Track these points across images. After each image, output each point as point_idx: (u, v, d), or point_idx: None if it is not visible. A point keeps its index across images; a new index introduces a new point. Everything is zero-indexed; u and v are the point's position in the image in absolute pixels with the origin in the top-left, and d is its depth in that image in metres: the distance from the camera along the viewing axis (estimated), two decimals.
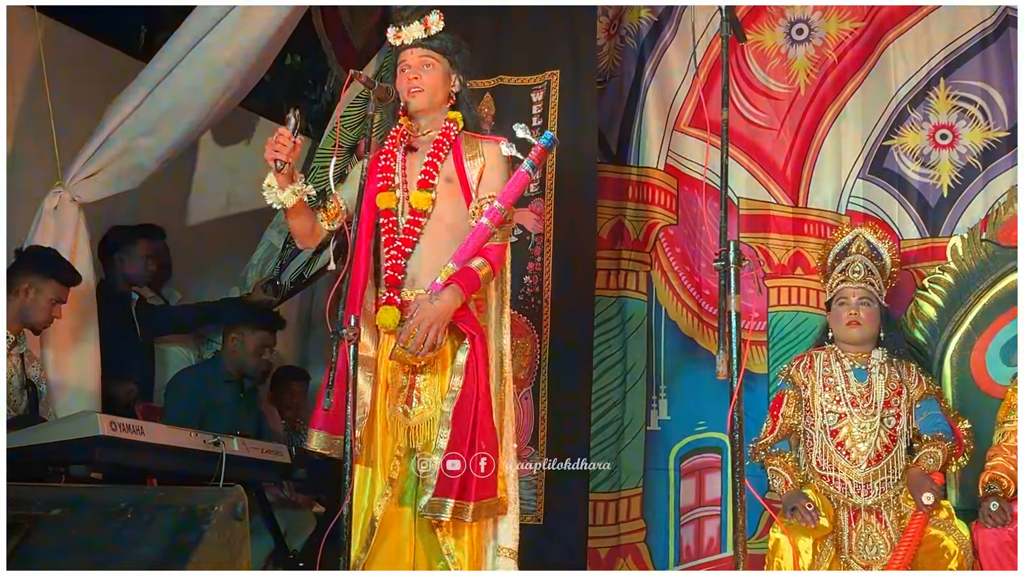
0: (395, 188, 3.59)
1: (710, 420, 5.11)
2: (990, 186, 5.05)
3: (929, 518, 4.10)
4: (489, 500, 3.43)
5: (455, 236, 3.55)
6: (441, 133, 3.65)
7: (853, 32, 5.30)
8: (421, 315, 3.39)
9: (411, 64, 3.65)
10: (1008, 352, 4.81)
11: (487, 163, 3.65)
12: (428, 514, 3.39)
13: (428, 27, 3.65)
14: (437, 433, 3.45)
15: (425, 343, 3.38)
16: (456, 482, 3.37)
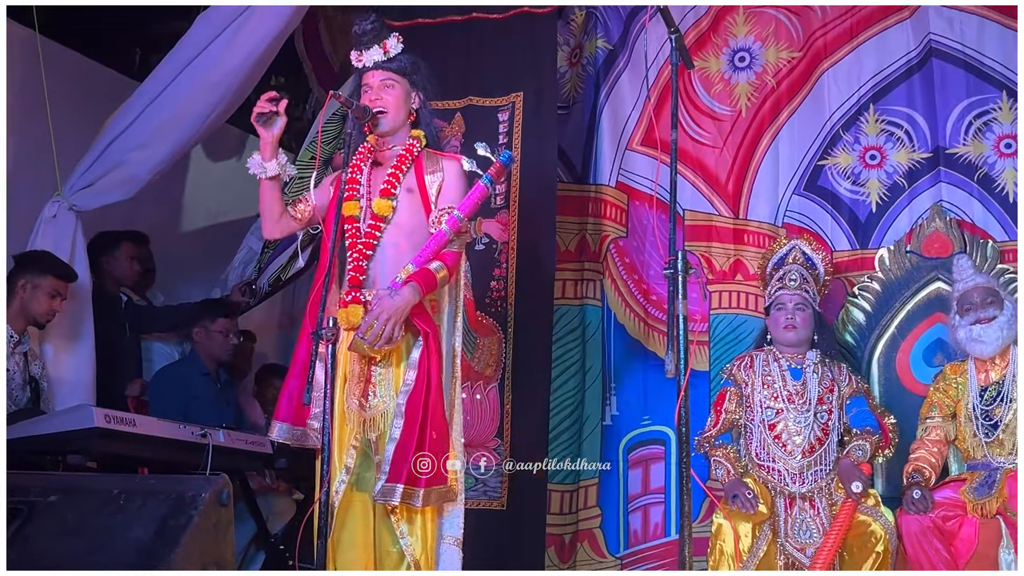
0: (359, 198, 3.61)
1: (654, 415, 5.13)
2: (914, 203, 5.08)
3: (858, 505, 4.13)
4: (439, 487, 3.43)
5: (413, 243, 3.57)
6: (405, 149, 3.67)
7: (791, 61, 5.33)
8: (380, 308, 3.40)
9: (372, 85, 3.67)
10: (930, 354, 4.85)
11: (446, 178, 3.67)
12: (380, 499, 3.38)
13: (387, 50, 3.67)
14: (391, 424, 3.45)
15: (382, 335, 3.39)
16: (406, 469, 3.36)
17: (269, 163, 3.55)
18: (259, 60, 4.90)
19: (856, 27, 5.27)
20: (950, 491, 4.15)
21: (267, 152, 3.56)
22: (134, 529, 2.75)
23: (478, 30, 5.27)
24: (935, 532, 4.01)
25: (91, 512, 2.80)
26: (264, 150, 3.57)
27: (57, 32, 5.40)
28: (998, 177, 4.99)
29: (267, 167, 3.56)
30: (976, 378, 4.33)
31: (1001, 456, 4.18)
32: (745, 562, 4.10)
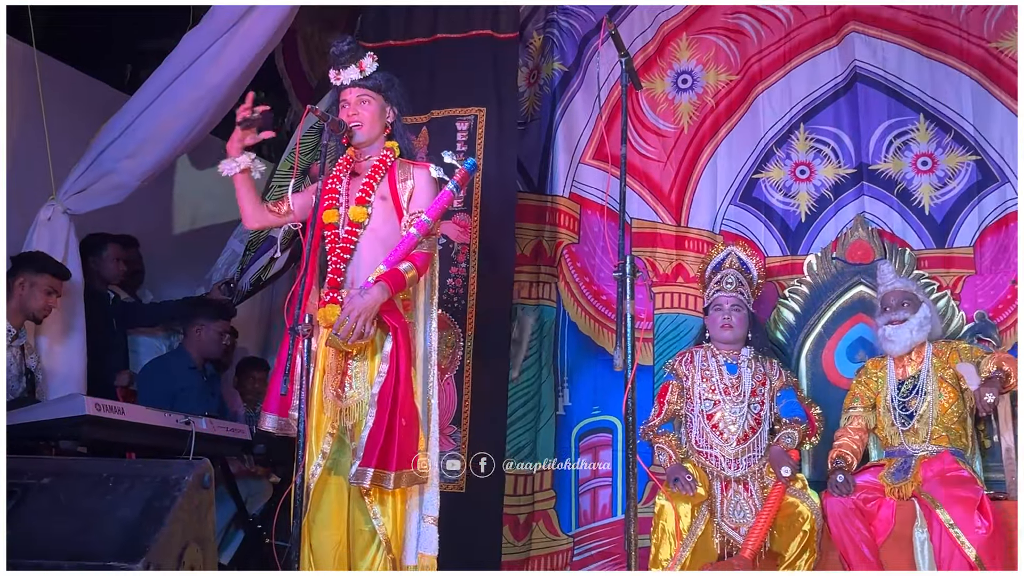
0: (338, 206, 3.62)
1: (603, 405, 5.13)
2: (840, 214, 5.10)
3: (787, 487, 4.16)
4: (408, 471, 3.43)
5: (387, 247, 3.58)
6: (380, 160, 3.69)
7: (729, 83, 5.35)
8: (351, 307, 3.42)
9: (350, 101, 3.69)
10: (852, 351, 4.88)
11: (416, 184, 3.68)
12: (354, 482, 3.39)
13: (363, 69, 3.70)
14: (366, 413, 3.46)
15: (354, 331, 3.41)
16: (377, 453, 3.37)
17: (240, 157, 3.57)
18: (241, 76, 4.89)
19: (789, 53, 5.29)
20: (870, 475, 4.19)
21: (234, 148, 3.57)
22: (121, 509, 2.74)
23: (443, 50, 5.26)
24: (856, 513, 4.04)
25: (81, 494, 2.79)
26: (232, 146, 3.58)
27: (54, 48, 5.37)
28: (915, 192, 5.02)
29: (238, 161, 3.58)
30: (894, 373, 4.38)
31: (916, 444, 4.23)
32: (685, 540, 4.11)
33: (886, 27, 5.15)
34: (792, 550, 4.12)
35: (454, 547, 4.27)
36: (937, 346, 4.37)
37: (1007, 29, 4.96)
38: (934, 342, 4.38)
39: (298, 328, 3.21)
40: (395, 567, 3.48)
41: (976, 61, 5.01)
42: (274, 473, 5.62)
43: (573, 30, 5.58)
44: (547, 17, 5.60)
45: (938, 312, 4.59)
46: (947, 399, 4.25)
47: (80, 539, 2.64)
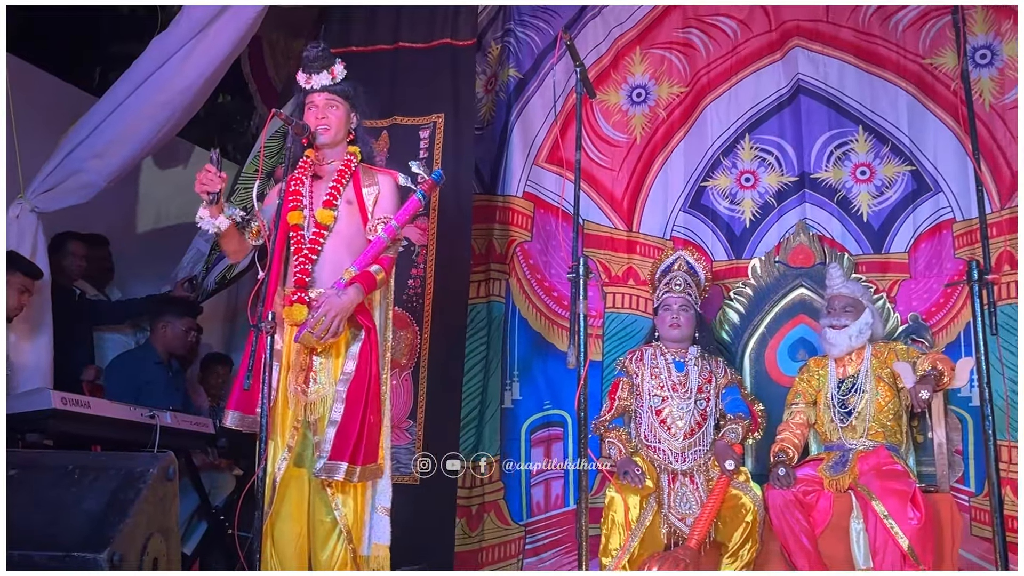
0: (303, 208, 3.59)
1: (554, 400, 5.14)
2: (782, 220, 5.13)
3: (731, 480, 4.18)
4: (371, 465, 3.45)
5: (351, 249, 3.58)
6: (344, 164, 3.68)
7: (679, 96, 5.36)
8: (328, 306, 3.41)
9: (318, 104, 3.67)
10: (794, 350, 4.91)
11: (382, 191, 3.68)
12: (324, 475, 3.38)
13: (334, 76, 3.70)
14: (331, 408, 3.45)
15: (329, 329, 3.39)
16: (350, 448, 3.37)
17: (220, 219, 3.47)
18: (208, 81, 4.85)
19: (735, 67, 5.32)
20: (810, 469, 4.22)
21: (214, 212, 3.46)
22: (87, 501, 2.71)
23: (404, 58, 5.25)
24: (796, 505, 4.06)
25: (48, 485, 2.76)
26: (211, 211, 3.46)
27: (24, 51, 5.27)
28: (854, 199, 5.06)
29: (220, 224, 3.48)
30: (835, 371, 4.40)
31: (853, 439, 4.26)
32: (633, 530, 4.11)
33: (828, 43, 5.19)
34: (735, 540, 4.13)
35: (410, 537, 4.27)
36: (876, 347, 4.41)
37: (941, 46, 5.03)
38: (873, 343, 4.42)
39: (262, 325, 3.18)
40: (355, 556, 3.48)
41: (912, 76, 5.06)
42: (237, 466, 5.56)
43: (529, 39, 5.57)
44: (504, 27, 5.60)
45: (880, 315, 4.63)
46: (884, 397, 4.29)
47: (47, 530, 2.60)
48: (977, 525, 4.51)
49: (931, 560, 3.82)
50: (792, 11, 5.24)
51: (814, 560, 4.04)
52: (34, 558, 2.52)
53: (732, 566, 4.13)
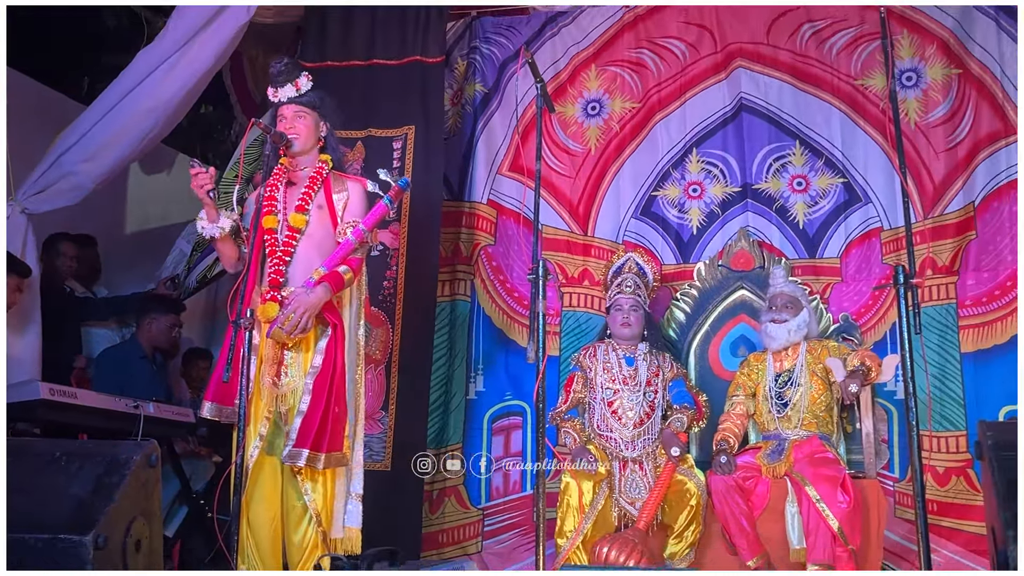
0: (277, 213, 3.58)
1: (515, 391, 5.13)
2: (726, 227, 5.14)
3: (676, 466, 4.21)
4: (336, 453, 3.44)
5: (322, 250, 3.59)
6: (316, 171, 3.67)
7: (632, 110, 5.36)
8: (297, 303, 3.40)
9: (286, 116, 3.68)
10: (735, 347, 4.93)
11: (351, 197, 3.68)
12: (288, 461, 3.38)
13: (298, 88, 3.69)
14: (300, 399, 3.44)
15: (298, 325, 3.39)
16: (312, 436, 3.37)
17: (222, 221, 3.51)
18: (192, 91, 4.83)
19: (684, 86, 5.32)
20: (749, 456, 4.25)
21: (212, 214, 3.50)
22: (73, 486, 2.67)
23: (378, 73, 5.23)
24: (736, 490, 4.09)
25: (35, 472, 2.71)
26: (210, 214, 3.51)
27: (17, 61, 5.19)
28: (791, 208, 5.09)
29: (223, 225, 3.52)
30: (773, 366, 4.43)
31: (789, 429, 4.30)
32: (587, 513, 4.13)
33: (768, 64, 5.23)
34: (680, 522, 4.16)
35: (380, 519, 4.26)
36: (811, 344, 4.45)
37: (871, 69, 5.08)
38: (808, 340, 4.47)
39: (240, 322, 3.18)
40: (325, 538, 3.47)
41: (844, 96, 5.11)
42: (216, 453, 5.52)
43: (493, 56, 5.56)
44: (471, 44, 5.58)
45: (814, 315, 4.68)
46: (817, 390, 4.33)
47: (35, 513, 2.56)
48: (900, 508, 4.57)
49: (859, 540, 3.86)
50: (736, 34, 5.27)
51: (752, 540, 4.07)
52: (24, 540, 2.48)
53: (677, 546, 4.16)
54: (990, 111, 4.91)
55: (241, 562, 3.34)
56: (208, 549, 4.75)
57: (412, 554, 4.41)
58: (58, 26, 5.35)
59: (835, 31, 5.16)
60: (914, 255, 3.38)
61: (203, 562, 4.72)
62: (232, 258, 3.73)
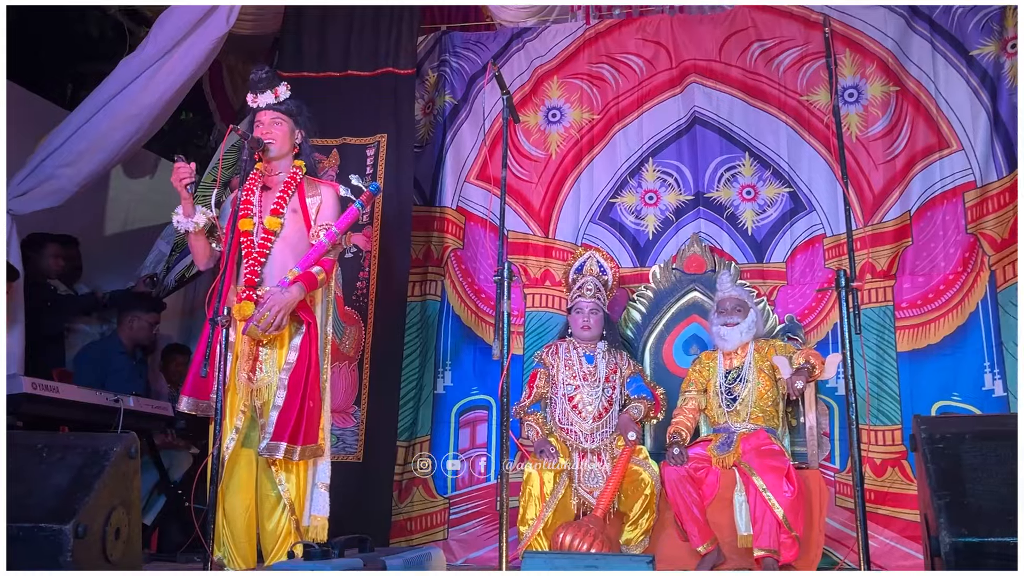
0: (252, 216, 3.56)
1: (481, 386, 5.12)
2: (680, 232, 5.17)
3: (632, 454, 4.22)
4: (312, 445, 3.43)
5: (296, 252, 3.57)
6: (290, 176, 3.66)
7: (592, 121, 5.37)
8: (272, 302, 3.39)
9: (264, 122, 3.66)
10: (687, 345, 4.95)
11: (324, 201, 3.67)
12: (266, 454, 3.37)
13: (277, 95, 3.69)
14: (275, 394, 3.42)
15: (273, 323, 3.37)
16: (289, 430, 3.35)
17: (197, 217, 3.49)
18: (172, 99, 4.78)
19: (642, 99, 5.35)
20: (700, 448, 4.26)
21: (188, 209, 3.49)
22: (55, 477, 2.64)
23: (353, 83, 5.20)
24: (688, 480, 4.11)
25: (19, 462, 2.67)
26: (186, 209, 3.50)
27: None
28: (741, 216, 5.13)
29: (197, 220, 3.50)
30: (723, 363, 4.46)
31: (737, 422, 4.32)
32: (547, 502, 4.13)
33: (720, 80, 5.26)
34: (636, 510, 4.18)
35: (352, 508, 4.23)
36: (758, 343, 4.48)
37: (815, 86, 5.14)
38: (756, 340, 4.50)
39: (218, 319, 3.16)
40: (297, 526, 3.45)
41: (791, 111, 5.16)
42: (193, 445, 5.46)
43: (462, 69, 5.55)
44: (440, 57, 5.57)
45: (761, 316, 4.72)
46: (764, 386, 4.36)
47: (18, 503, 2.52)
48: (841, 497, 4.62)
49: (802, 527, 3.90)
50: (690, 52, 5.30)
51: (702, 527, 4.10)
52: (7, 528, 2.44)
53: (633, 533, 4.17)
54: (925, 126, 4.99)
55: (217, 549, 3.31)
56: (185, 537, 4.69)
57: (382, 541, 4.38)
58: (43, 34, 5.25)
59: (782, 50, 5.21)
60: (855, 260, 3.40)
61: (180, 549, 4.67)
62: (203, 255, 3.70)
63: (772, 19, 5.25)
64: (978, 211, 4.82)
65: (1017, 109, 4.81)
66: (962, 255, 4.80)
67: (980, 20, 4.96)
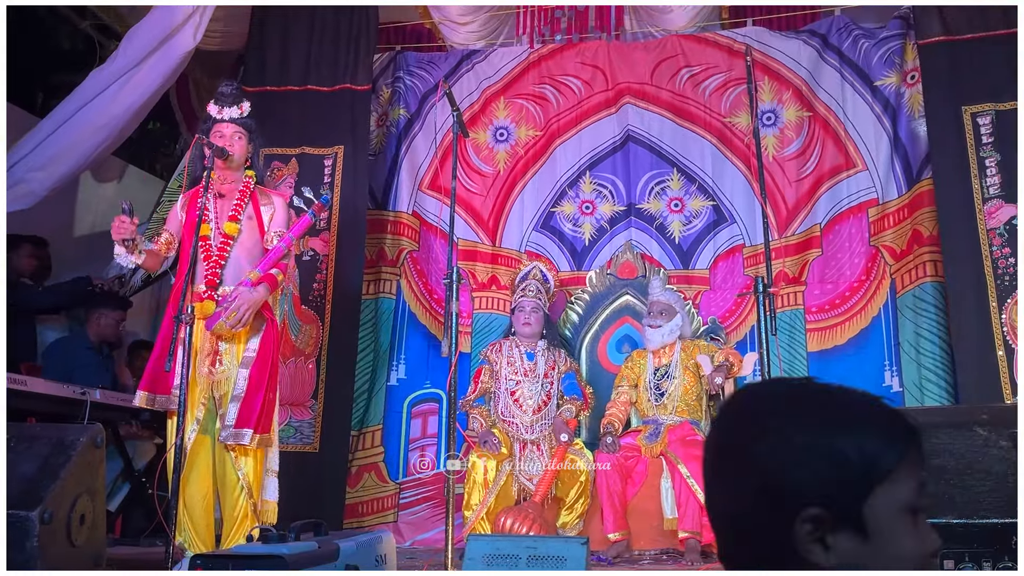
0: (210, 222, 3.54)
1: (432, 380, 5.10)
2: (613, 240, 5.21)
3: (567, 448, 4.25)
4: (266, 435, 3.43)
5: (251, 256, 3.58)
6: (244, 184, 3.66)
7: (535, 137, 5.39)
8: (242, 299, 3.39)
9: (226, 133, 3.65)
10: (620, 345, 4.99)
11: (276, 209, 3.70)
12: (233, 441, 3.35)
13: (243, 111, 3.68)
14: (233, 386, 3.42)
15: (241, 320, 3.37)
16: (253, 418, 3.36)
17: (134, 256, 3.44)
18: (140, 109, 4.71)
19: (580, 117, 5.37)
20: (631, 439, 4.30)
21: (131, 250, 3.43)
22: (22, 465, 2.57)
23: (313, 97, 5.14)
24: (617, 470, 4.14)
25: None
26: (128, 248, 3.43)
27: None
28: (669, 226, 5.18)
29: (135, 259, 3.47)
30: (652, 361, 4.51)
31: (665, 415, 4.37)
32: (490, 488, 4.14)
33: (651, 101, 5.32)
34: (571, 496, 4.20)
35: (308, 494, 4.19)
36: (684, 343, 4.54)
37: (737, 109, 5.22)
38: (683, 340, 4.55)
39: (182, 317, 3.13)
40: (255, 509, 3.45)
41: (715, 131, 5.23)
42: (157, 436, 5.34)
43: (415, 86, 5.53)
44: (395, 75, 5.54)
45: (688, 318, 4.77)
46: (689, 383, 4.42)
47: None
48: None
49: None
50: (624, 75, 5.35)
51: (618, 516, 4.10)
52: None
53: (568, 517, 4.19)
54: (834, 147, 5.10)
55: (178, 534, 3.26)
56: (148, 522, 4.60)
57: (336, 524, 4.34)
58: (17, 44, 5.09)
59: (708, 75, 5.28)
60: (771, 268, 3.45)
61: (143, 534, 4.57)
62: (154, 267, 3.74)
63: (699, 47, 5.33)
64: (879, 225, 4.94)
65: (915, 134, 4.95)
66: (866, 265, 4.91)
67: (884, 54, 5.09)
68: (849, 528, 0.96)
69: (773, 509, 0.98)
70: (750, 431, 1.02)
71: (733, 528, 1.04)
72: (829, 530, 0.96)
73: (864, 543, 0.96)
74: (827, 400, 1.03)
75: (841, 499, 0.96)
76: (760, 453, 1.00)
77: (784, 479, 0.98)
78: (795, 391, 1.06)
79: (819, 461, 0.97)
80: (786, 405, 1.03)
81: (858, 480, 0.97)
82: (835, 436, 0.98)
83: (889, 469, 0.97)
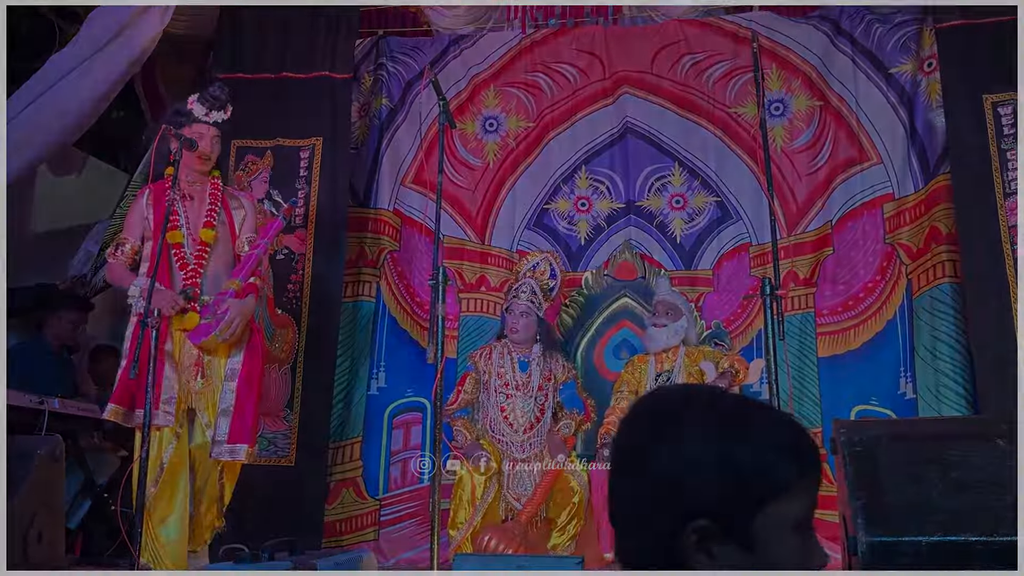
0: (181, 227, 3.55)
1: (415, 388, 5.07)
2: (611, 239, 5.20)
3: (561, 471, 4.19)
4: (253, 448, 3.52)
5: (224, 262, 3.64)
6: (213, 186, 3.69)
7: (527, 129, 5.37)
8: (234, 312, 3.45)
9: (206, 135, 3.68)
10: (618, 350, 5.00)
11: (247, 213, 3.78)
12: (227, 457, 3.44)
13: (227, 115, 3.72)
14: (220, 399, 3.47)
15: (234, 333, 3.45)
16: (246, 433, 3.45)
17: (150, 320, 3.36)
18: (103, 96, 4.67)
19: (575, 108, 5.36)
20: None
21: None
22: None
23: (288, 85, 5.12)
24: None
25: None
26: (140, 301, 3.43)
27: None
28: (670, 224, 5.19)
29: None
30: (654, 366, 4.50)
31: None
32: (477, 506, 4.12)
33: (651, 91, 5.31)
34: (563, 517, 4.17)
35: (284, 511, 4.18)
36: (688, 348, 4.53)
37: (743, 99, 5.21)
38: (687, 345, 4.54)
39: (148, 321, 3.14)
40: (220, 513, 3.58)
41: (719, 122, 5.23)
42: (122, 448, 5.31)
43: (399, 74, 5.51)
44: (377, 61, 5.52)
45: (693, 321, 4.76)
46: None
47: None
48: None
49: None
50: (623, 63, 5.34)
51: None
52: None
53: (560, 538, 4.16)
54: (847, 140, 5.10)
55: (143, 554, 3.24)
56: (111, 541, 4.57)
57: (313, 544, 4.32)
58: None
59: (712, 63, 5.28)
60: (779, 268, 3.45)
61: (106, 553, 4.54)
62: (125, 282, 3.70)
63: (702, 33, 5.33)
64: (895, 222, 4.95)
65: (932, 125, 4.96)
66: (880, 264, 4.92)
67: (899, 40, 5.10)
68: (734, 541, 1.02)
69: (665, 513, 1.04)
70: (650, 434, 1.08)
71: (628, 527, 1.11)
72: (715, 542, 1.02)
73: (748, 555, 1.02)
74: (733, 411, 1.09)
75: (731, 510, 1.02)
76: (657, 457, 1.06)
77: (678, 485, 1.04)
78: (703, 398, 1.11)
79: (713, 470, 1.03)
80: (689, 412, 1.09)
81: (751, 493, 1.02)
82: (733, 447, 1.04)
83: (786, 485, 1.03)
